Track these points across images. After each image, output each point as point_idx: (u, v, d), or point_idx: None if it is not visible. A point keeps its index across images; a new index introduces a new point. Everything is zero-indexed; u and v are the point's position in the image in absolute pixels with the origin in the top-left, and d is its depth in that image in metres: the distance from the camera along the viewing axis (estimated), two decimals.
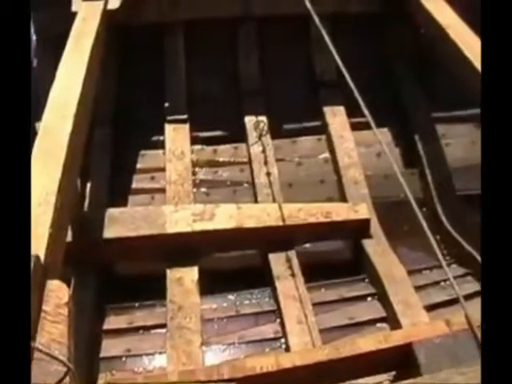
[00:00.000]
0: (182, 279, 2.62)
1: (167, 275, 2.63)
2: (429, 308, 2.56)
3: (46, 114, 2.27)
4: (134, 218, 2.72)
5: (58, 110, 2.28)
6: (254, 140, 3.34)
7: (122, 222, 2.70)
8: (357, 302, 2.68)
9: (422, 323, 2.37)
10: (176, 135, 3.35)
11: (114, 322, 2.60)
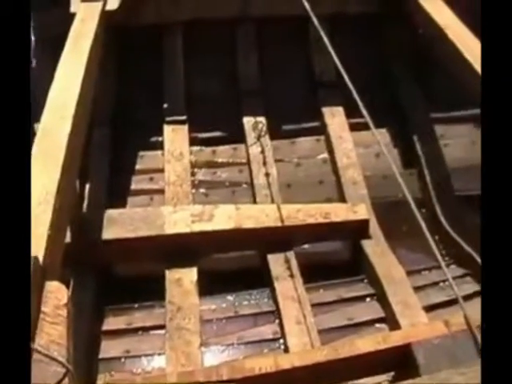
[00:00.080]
0: (181, 280, 2.62)
1: (166, 276, 2.64)
2: (428, 308, 2.56)
3: (45, 115, 2.27)
4: (132, 219, 2.72)
5: (56, 111, 2.28)
6: (252, 141, 3.34)
7: (120, 223, 2.70)
8: (356, 303, 2.68)
9: (420, 324, 2.38)
10: (175, 136, 3.34)
11: (112, 322, 2.60)
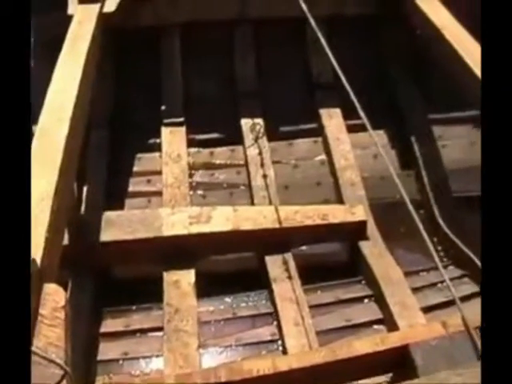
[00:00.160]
0: (179, 282, 2.62)
1: (164, 278, 2.64)
2: (425, 310, 2.56)
3: (43, 117, 2.27)
4: (130, 221, 2.72)
5: (54, 113, 2.28)
6: (250, 142, 3.34)
7: (118, 225, 2.70)
8: (353, 304, 2.68)
9: (418, 325, 2.38)
10: (172, 138, 3.34)
11: (110, 325, 2.59)
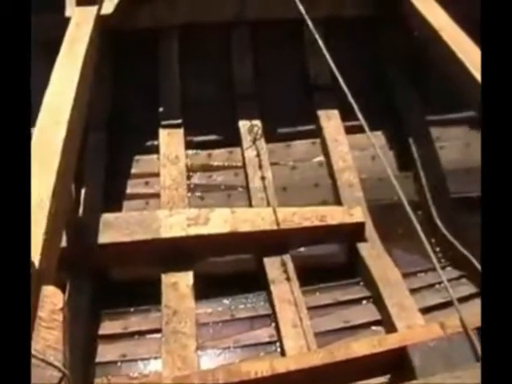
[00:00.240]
0: (177, 284, 2.62)
1: (162, 280, 2.63)
2: (424, 311, 2.56)
3: (40, 119, 2.27)
4: (128, 223, 2.72)
5: (51, 116, 2.28)
6: (248, 144, 3.33)
7: (116, 227, 2.70)
8: (352, 306, 2.67)
9: (416, 326, 2.37)
10: (170, 140, 3.34)
11: (109, 327, 2.59)
